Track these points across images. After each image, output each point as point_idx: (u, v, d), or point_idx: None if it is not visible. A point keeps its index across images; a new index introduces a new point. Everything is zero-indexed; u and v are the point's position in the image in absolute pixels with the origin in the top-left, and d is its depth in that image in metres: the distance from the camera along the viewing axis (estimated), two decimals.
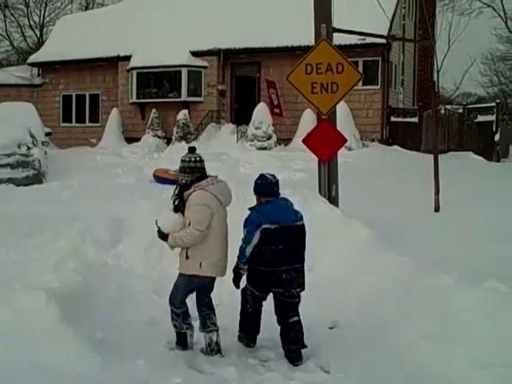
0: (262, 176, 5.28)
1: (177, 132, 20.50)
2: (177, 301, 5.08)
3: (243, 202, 8.69)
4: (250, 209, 5.16)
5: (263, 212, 5.04)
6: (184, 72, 21.56)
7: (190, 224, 4.90)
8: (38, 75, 25.24)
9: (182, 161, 5.13)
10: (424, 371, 4.47)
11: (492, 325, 4.41)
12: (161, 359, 4.60)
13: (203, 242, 4.94)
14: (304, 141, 9.11)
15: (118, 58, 22.82)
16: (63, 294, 4.94)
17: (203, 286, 5.10)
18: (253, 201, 8.73)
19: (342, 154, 17.66)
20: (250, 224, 5.00)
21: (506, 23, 34.32)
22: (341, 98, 8.99)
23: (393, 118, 19.89)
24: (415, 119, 19.43)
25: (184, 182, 5.07)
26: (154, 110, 21.53)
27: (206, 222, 4.90)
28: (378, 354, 4.91)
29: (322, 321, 5.75)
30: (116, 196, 11.41)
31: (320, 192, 9.08)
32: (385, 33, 18.34)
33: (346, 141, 9.15)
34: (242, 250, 4.98)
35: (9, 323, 4.29)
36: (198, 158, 5.15)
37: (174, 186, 5.35)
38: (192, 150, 5.29)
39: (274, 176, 5.29)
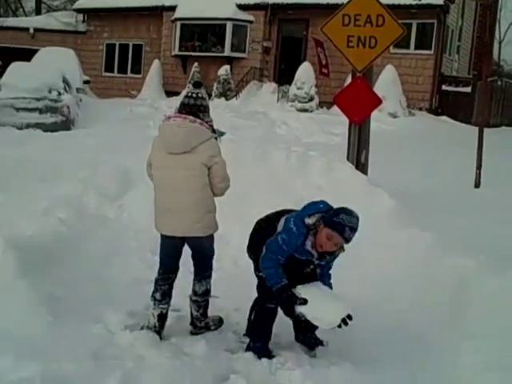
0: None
1: (217, 88, 19.91)
2: None
3: (284, 160, 8.09)
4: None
5: None
6: (229, 26, 20.83)
7: None
8: (83, 22, 24.87)
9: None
10: (428, 365, 3.83)
11: (508, 321, 3.72)
12: (120, 325, 4.05)
13: None
14: (335, 99, 8.37)
15: (163, 8, 22.24)
16: (31, 244, 4.44)
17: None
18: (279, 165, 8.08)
19: (386, 121, 17.02)
20: None
21: None
22: (379, 55, 8.10)
23: (444, 87, 18.75)
24: (468, 89, 18.24)
25: None
26: (195, 64, 20.93)
27: (147, 169, 4.40)
28: (380, 340, 4.28)
29: None
30: (138, 147, 10.92)
31: (348, 157, 8.36)
32: None
33: (381, 102, 8.33)
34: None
35: None
36: (200, 95, 4.32)
37: None
38: (198, 84, 4.55)
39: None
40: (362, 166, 8.39)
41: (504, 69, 37.38)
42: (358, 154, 8.40)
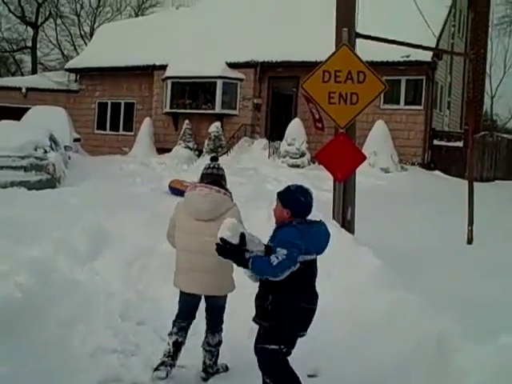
0: (306, 192, 4.06)
1: (208, 144, 19.81)
2: None
3: (266, 220, 7.81)
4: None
5: (305, 236, 3.77)
6: (219, 83, 20.89)
7: None
8: (76, 81, 25.02)
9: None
10: None
11: None
12: None
13: None
14: (317, 156, 8.16)
15: (154, 67, 22.43)
16: None
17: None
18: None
19: (378, 176, 16.82)
20: (294, 246, 3.66)
21: None
22: (361, 111, 7.98)
23: (436, 142, 18.65)
24: (460, 143, 18.12)
25: None
26: (186, 121, 20.93)
27: (170, 230, 4.78)
28: None
29: (301, 366, 4.70)
30: (121, 206, 10.65)
31: (334, 215, 8.09)
32: (430, 52, 17.26)
33: (365, 158, 8.11)
34: (267, 266, 3.61)
35: None
36: (220, 166, 4.87)
37: None
38: (215, 158, 5.02)
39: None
40: (348, 224, 8.11)
41: (497, 123, 37.55)
42: (344, 212, 8.14)
